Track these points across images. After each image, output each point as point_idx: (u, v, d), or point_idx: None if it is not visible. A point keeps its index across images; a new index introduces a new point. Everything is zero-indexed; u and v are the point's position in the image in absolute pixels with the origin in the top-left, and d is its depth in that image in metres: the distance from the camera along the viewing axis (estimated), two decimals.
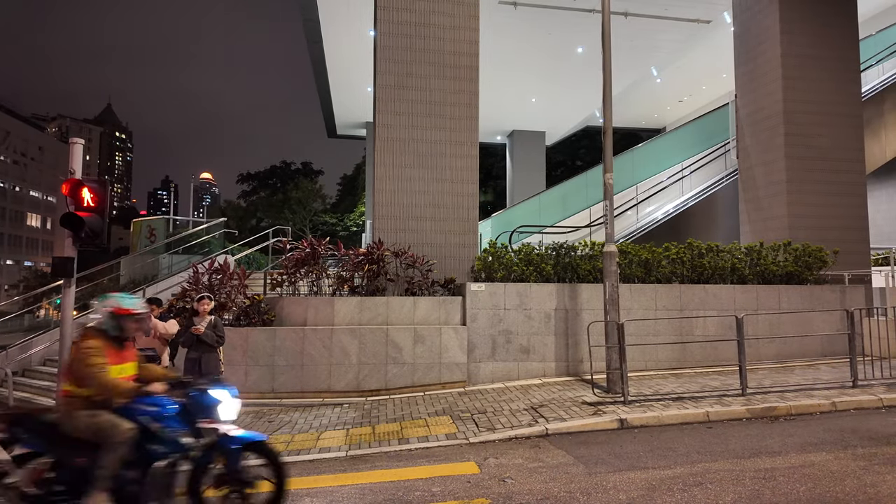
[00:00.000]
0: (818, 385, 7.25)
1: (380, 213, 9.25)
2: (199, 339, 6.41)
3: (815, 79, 11.39)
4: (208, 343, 6.43)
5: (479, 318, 8.51)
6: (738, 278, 9.58)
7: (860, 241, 11.29)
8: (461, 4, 9.67)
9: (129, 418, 3.50)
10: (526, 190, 21.11)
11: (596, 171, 14.38)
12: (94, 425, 3.45)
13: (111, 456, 3.38)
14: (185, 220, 17.29)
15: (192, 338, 6.43)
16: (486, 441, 5.74)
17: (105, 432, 3.43)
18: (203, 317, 6.54)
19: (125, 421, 3.48)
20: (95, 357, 3.52)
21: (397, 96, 9.37)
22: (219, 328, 6.59)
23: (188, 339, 6.47)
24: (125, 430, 3.44)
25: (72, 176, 6.30)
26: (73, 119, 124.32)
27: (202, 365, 6.40)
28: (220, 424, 3.74)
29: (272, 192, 47.54)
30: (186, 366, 6.48)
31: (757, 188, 11.95)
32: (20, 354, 9.72)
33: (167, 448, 3.55)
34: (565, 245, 9.24)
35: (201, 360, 6.41)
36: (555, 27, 15.23)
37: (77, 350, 3.60)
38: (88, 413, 3.49)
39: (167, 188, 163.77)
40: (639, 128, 26.62)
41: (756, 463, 4.71)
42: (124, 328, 3.75)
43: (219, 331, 6.58)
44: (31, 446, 3.51)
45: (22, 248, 68.99)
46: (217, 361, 6.55)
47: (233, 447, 3.69)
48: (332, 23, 15.07)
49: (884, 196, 18.37)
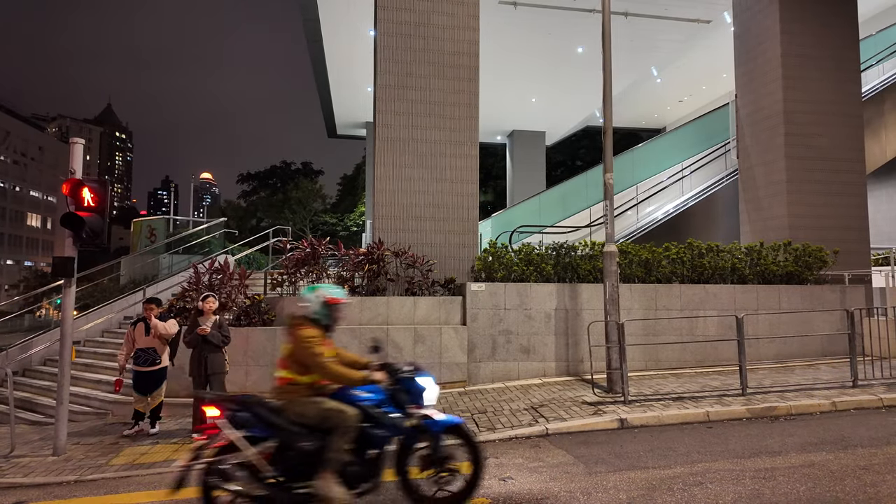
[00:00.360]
0: (818, 385, 7.25)
1: (380, 213, 9.25)
2: (205, 340, 6.36)
3: (815, 79, 11.39)
4: (214, 343, 6.39)
5: (480, 318, 8.51)
6: (739, 278, 9.58)
7: (860, 241, 11.30)
8: (461, 4, 9.68)
9: (349, 404, 3.69)
10: (526, 190, 21.12)
11: (596, 171, 14.39)
12: (321, 411, 3.64)
13: (341, 440, 3.58)
14: (186, 220, 17.29)
15: (198, 338, 6.38)
16: (487, 441, 5.73)
17: (333, 418, 3.61)
18: (208, 316, 6.49)
19: (350, 406, 3.66)
20: (319, 346, 3.68)
21: (397, 96, 9.37)
22: (224, 328, 6.55)
23: (193, 340, 6.41)
24: (352, 415, 3.63)
25: (72, 176, 6.30)
26: (74, 119, 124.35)
27: (208, 365, 6.36)
28: (425, 409, 3.92)
29: (272, 192, 47.56)
30: (192, 366, 6.45)
31: (757, 188, 11.96)
32: (20, 354, 9.71)
33: (388, 432, 3.76)
34: (565, 245, 9.24)
35: (207, 360, 6.37)
36: (555, 27, 15.24)
37: (297, 339, 3.71)
38: (313, 400, 3.68)
39: (167, 188, 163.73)
40: (639, 128, 26.62)
41: (756, 463, 4.71)
42: (333, 316, 3.91)
43: (224, 331, 6.53)
44: (256, 430, 3.62)
45: (22, 248, 69.00)
46: (223, 361, 6.52)
47: (437, 430, 3.89)
48: (332, 23, 15.07)
49: (884, 196, 18.37)
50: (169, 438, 6.40)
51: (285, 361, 3.77)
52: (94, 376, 8.65)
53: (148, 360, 6.67)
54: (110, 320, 10.66)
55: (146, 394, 6.69)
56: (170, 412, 7.41)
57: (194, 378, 6.43)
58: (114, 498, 4.73)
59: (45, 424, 7.63)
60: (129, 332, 6.82)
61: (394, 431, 3.79)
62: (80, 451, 6.09)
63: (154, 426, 6.75)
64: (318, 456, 3.57)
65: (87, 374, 8.78)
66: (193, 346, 6.45)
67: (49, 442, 6.32)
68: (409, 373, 3.94)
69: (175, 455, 5.74)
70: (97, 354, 9.52)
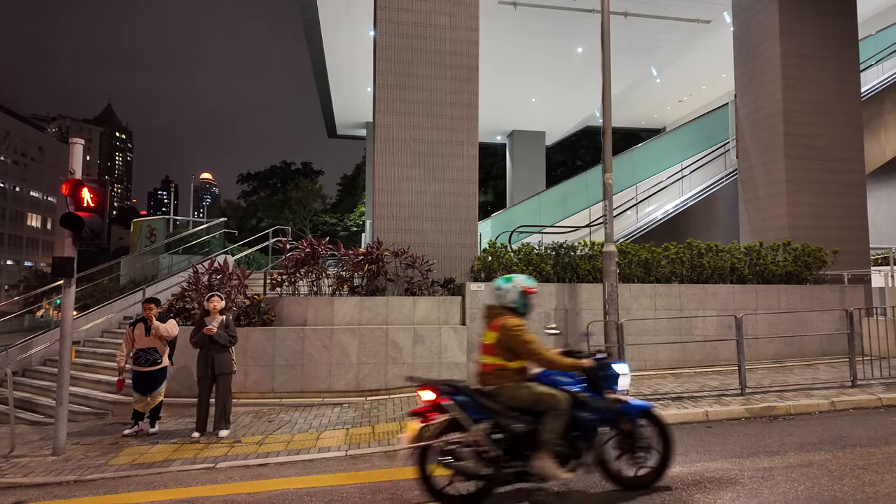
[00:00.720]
0: (817, 385, 7.26)
1: (379, 213, 9.25)
2: (212, 339, 6.39)
3: (814, 79, 11.40)
4: (221, 343, 6.42)
5: (479, 318, 8.51)
6: (738, 278, 9.59)
7: (859, 240, 11.30)
8: (461, 5, 9.68)
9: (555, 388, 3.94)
10: (526, 190, 21.12)
11: (596, 171, 14.39)
12: (534, 395, 3.89)
13: (555, 422, 3.82)
14: (186, 221, 17.30)
15: (205, 338, 6.41)
16: None
17: (546, 402, 3.86)
18: (214, 316, 6.52)
19: (559, 391, 3.91)
20: (527, 334, 3.96)
21: (397, 96, 9.38)
22: (231, 328, 6.58)
23: (200, 340, 6.44)
24: (563, 399, 3.87)
25: (72, 176, 6.30)
26: (73, 119, 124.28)
27: (215, 365, 6.40)
28: (620, 394, 4.14)
29: (272, 192, 47.55)
30: (199, 365, 6.48)
31: (756, 188, 11.96)
32: (20, 354, 9.72)
33: (594, 415, 3.97)
34: (565, 245, 9.25)
35: (214, 359, 6.40)
36: (555, 27, 15.24)
37: (505, 328, 3.95)
38: (526, 385, 3.94)
39: (167, 188, 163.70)
40: (639, 128, 26.64)
41: (755, 462, 4.71)
42: (529, 304, 4.18)
43: (231, 330, 6.56)
44: (471, 413, 3.85)
45: (22, 248, 69.01)
46: (230, 361, 6.55)
47: (634, 413, 4.11)
48: (332, 23, 15.08)
49: (883, 196, 18.39)
50: (168, 438, 6.41)
51: (491, 348, 4.00)
52: (94, 376, 8.66)
53: (148, 360, 6.68)
54: (110, 320, 10.67)
55: (146, 394, 6.69)
56: (169, 412, 7.42)
57: (202, 378, 6.46)
58: (113, 498, 4.74)
59: (45, 424, 7.63)
60: (128, 332, 6.82)
61: (599, 414, 3.99)
62: (80, 451, 6.09)
63: (154, 426, 6.75)
64: (531, 437, 3.82)
65: (86, 374, 8.79)
66: (200, 346, 6.48)
67: (49, 442, 6.32)
68: (607, 359, 4.14)
69: (175, 455, 5.74)
70: (97, 354, 9.53)
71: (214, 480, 4.98)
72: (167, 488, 4.82)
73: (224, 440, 6.20)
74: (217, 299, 6.60)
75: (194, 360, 6.62)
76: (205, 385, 6.47)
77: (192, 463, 5.47)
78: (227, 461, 5.46)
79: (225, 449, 5.87)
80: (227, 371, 6.49)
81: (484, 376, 4.03)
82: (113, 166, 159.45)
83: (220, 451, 5.81)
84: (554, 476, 3.79)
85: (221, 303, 6.66)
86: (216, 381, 6.45)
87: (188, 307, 8.30)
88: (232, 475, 5.12)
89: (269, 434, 6.37)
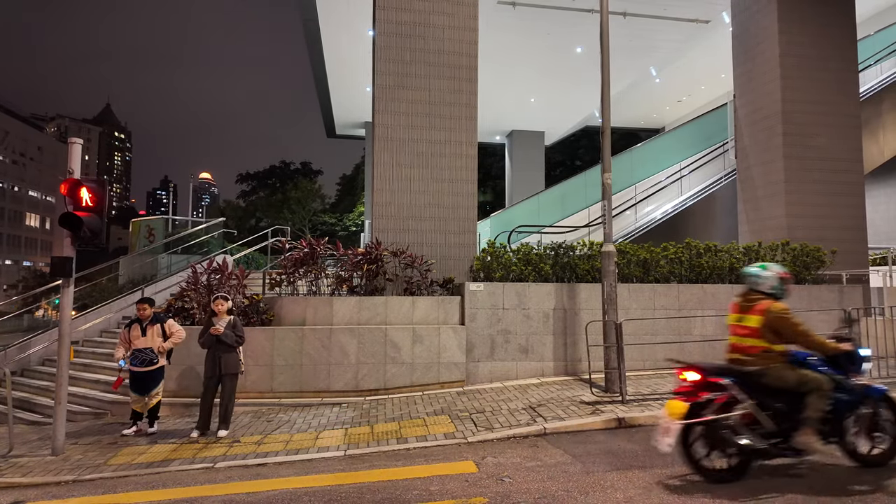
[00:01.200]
0: None
1: (379, 212, 9.25)
2: (219, 340, 6.45)
3: (813, 79, 11.41)
4: (228, 343, 6.47)
5: (478, 318, 8.52)
6: (737, 278, 9.58)
7: (858, 240, 11.31)
8: (460, 4, 9.68)
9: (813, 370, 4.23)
10: (525, 190, 21.14)
11: (595, 171, 14.41)
12: (800, 377, 4.18)
13: (820, 402, 4.12)
14: (184, 220, 17.27)
15: (212, 339, 6.47)
16: (485, 440, 5.75)
17: (810, 383, 4.15)
18: (221, 317, 6.57)
19: (820, 374, 4.20)
20: (796, 318, 4.22)
21: (396, 96, 9.38)
22: (238, 328, 6.63)
23: (208, 340, 6.51)
24: (826, 381, 4.17)
25: (70, 176, 6.29)
26: (72, 119, 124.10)
27: (222, 365, 6.44)
28: (862, 377, 4.42)
29: (271, 192, 47.50)
30: (207, 366, 6.52)
31: (755, 188, 11.97)
32: (19, 354, 9.71)
33: (850, 396, 4.26)
34: (564, 245, 9.25)
35: (221, 359, 6.44)
36: (554, 27, 15.25)
37: (771, 313, 4.22)
38: (790, 366, 4.23)
39: (166, 188, 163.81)
40: (638, 128, 26.67)
41: None
42: (785, 290, 4.43)
43: (238, 331, 6.61)
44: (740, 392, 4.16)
45: (21, 247, 68.93)
46: (237, 361, 6.59)
47: (878, 396, 4.39)
48: (332, 23, 15.08)
49: (882, 196, 18.41)
50: (167, 438, 6.41)
51: (756, 331, 4.26)
52: (93, 376, 8.65)
53: (145, 360, 6.67)
54: (109, 320, 10.65)
55: (143, 394, 6.69)
56: (170, 412, 7.42)
57: (209, 378, 6.49)
58: (112, 498, 4.73)
59: (44, 424, 7.63)
60: (124, 333, 6.81)
61: (853, 395, 4.27)
62: (79, 451, 6.09)
63: (152, 426, 6.75)
64: (793, 415, 4.14)
65: (85, 373, 8.78)
66: (208, 347, 6.52)
67: (47, 442, 6.32)
68: (855, 343, 4.37)
69: (174, 455, 5.74)
70: (95, 354, 9.52)
71: (213, 480, 4.98)
72: (166, 488, 4.82)
73: (223, 440, 6.21)
74: (222, 301, 6.65)
75: (194, 360, 6.63)
76: (211, 385, 6.50)
77: (190, 463, 5.48)
78: (225, 461, 5.46)
79: (224, 449, 5.87)
80: (233, 371, 6.54)
81: (749, 358, 4.29)
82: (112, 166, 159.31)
83: (219, 450, 5.82)
84: (816, 450, 4.11)
85: (228, 303, 6.71)
86: (222, 381, 6.50)
87: (187, 307, 8.30)
88: (231, 475, 5.12)
89: (267, 434, 6.38)
